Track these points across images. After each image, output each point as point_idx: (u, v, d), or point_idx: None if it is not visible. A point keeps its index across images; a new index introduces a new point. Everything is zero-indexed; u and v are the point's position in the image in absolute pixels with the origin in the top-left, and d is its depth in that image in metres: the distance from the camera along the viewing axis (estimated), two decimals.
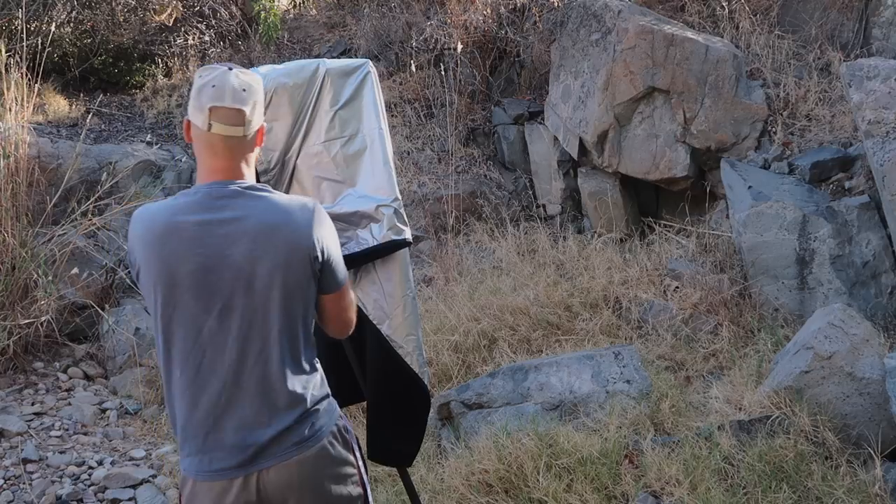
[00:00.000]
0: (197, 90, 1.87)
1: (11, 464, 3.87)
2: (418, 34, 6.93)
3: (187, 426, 1.90)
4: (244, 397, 1.88)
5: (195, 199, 1.88)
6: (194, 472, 1.90)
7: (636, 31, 5.50)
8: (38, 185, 5.32)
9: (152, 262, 1.84)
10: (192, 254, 1.83)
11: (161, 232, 1.84)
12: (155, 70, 8.05)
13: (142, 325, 5.05)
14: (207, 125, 1.86)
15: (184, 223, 1.84)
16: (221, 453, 1.88)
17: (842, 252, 4.50)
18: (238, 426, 1.88)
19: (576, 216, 6.18)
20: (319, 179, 2.52)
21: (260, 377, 1.89)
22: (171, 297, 1.85)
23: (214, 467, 1.88)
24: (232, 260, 1.84)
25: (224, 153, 1.89)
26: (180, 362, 1.88)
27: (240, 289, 1.85)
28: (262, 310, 1.87)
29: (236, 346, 1.87)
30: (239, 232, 1.85)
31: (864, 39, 5.66)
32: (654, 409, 3.62)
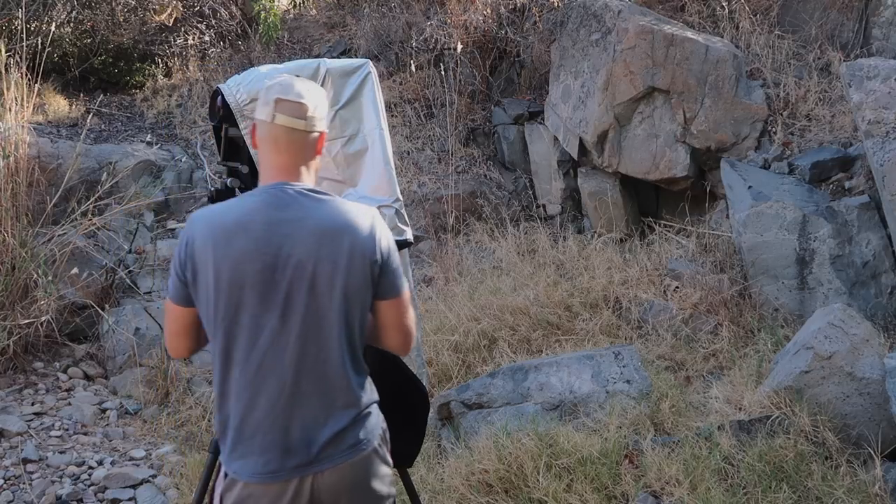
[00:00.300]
0: (265, 90, 1.95)
1: (11, 464, 3.87)
2: (418, 34, 6.93)
3: (243, 427, 1.89)
4: (303, 398, 1.89)
5: (261, 199, 1.90)
6: (248, 474, 1.88)
7: (636, 31, 5.50)
8: (38, 185, 5.32)
9: (217, 262, 1.84)
10: (260, 253, 1.85)
11: (229, 231, 1.86)
12: (155, 70, 8.06)
13: (142, 325, 5.05)
14: (272, 116, 1.91)
15: (251, 223, 1.86)
16: (278, 455, 1.88)
17: (842, 252, 4.50)
18: (296, 427, 1.89)
19: (576, 216, 6.18)
20: (320, 179, 2.50)
21: (319, 378, 1.90)
22: (236, 297, 1.85)
23: (270, 468, 1.88)
24: (296, 261, 1.86)
25: (287, 148, 1.92)
26: (240, 362, 1.88)
27: (303, 290, 1.87)
28: (324, 311, 1.89)
29: (297, 346, 1.88)
30: (304, 233, 1.87)
31: (864, 39, 5.66)
32: (654, 409, 3.62)
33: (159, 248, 5.82)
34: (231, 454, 1.91)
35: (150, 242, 5.87)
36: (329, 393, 1.91)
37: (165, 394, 4.55)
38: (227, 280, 1.84)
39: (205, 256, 1.85)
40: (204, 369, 4.79)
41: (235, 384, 1.88)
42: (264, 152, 1.95)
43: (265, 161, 1.96)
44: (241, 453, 1.89)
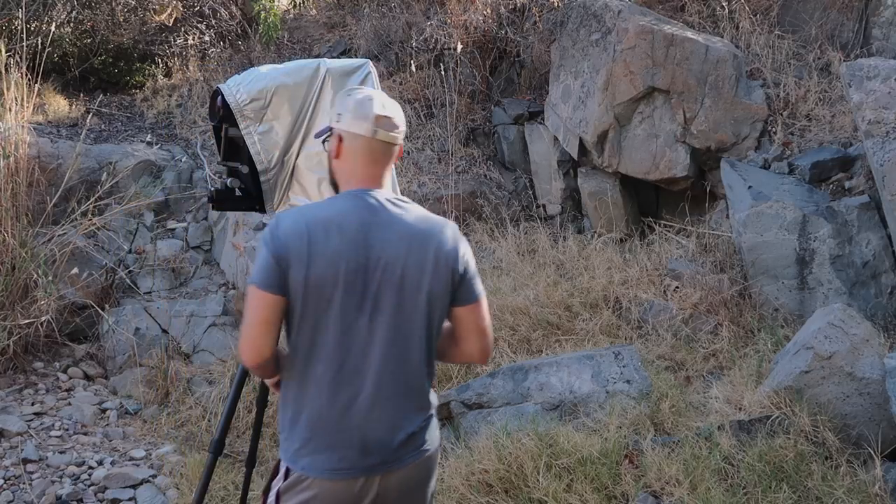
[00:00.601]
0: (357, 103, 2.00)
1: (11, 464, 3.87)
2: (418, 34, 6.93)
3: (320, 422, 1.92)
4: (384, 399, 1.94)
5: (352, 203, 1.95)
6: (319, 470, 1.91)
7: (636, 31, 5.50)
8: (38, 185, 5.32)
9: (313, 256, 1.87)
10: (354, 253, 1.89)
11: (325, 228, 1.89)
12: (155, 70, 8.05)
13: (142, 325, 5.06)
14: (373, 131, 1.98)
15: (346, 223, 1.91)
16: (354, 453, 1.92)
17: (842, 252, 4.50)
18: (375, 427, 1.93)
19: (576, 216, 6.18)
20: (320, 179, 2.52)
21: (400, 380, 1.95)
22: (328, 293, 1.88)
23: (344, 465, 1.91)
24: (385, 263, 1.92)
25: (381, 160, 2.01)
26: (325, 358, 1.91)
27: (391, 292, 1.92)
28: (409, 314, 1.94)
29: (382, 347, 1.92)
30: (394, 238, 1.93)
31: (864, 39, 5.66)
32: (654, 409, 3.62)
33: (159, 248, 5.82)
34: (300, 450, 1.93)
35: (150, 242, 5.87)
36: (408, 395, 1.97)
37: (165, 394, 4.55)
38: (320, 276, 1.87)
39: (300, 249, 1.87)
40: (204, 369, 4.79)
41: (317, 380, 1.92)
42: (352, 162, 2.00)
43: (351, 170, 2.01)
44: (312, 449, 1.92)
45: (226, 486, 3.66)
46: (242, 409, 4.18)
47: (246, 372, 2.66)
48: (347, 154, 2.01)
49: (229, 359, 4.83)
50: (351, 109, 2.00)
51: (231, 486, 3.67)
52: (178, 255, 5.81)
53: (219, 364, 4.82)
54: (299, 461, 1.93)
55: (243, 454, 3.67)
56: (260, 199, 2.57)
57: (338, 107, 2.04)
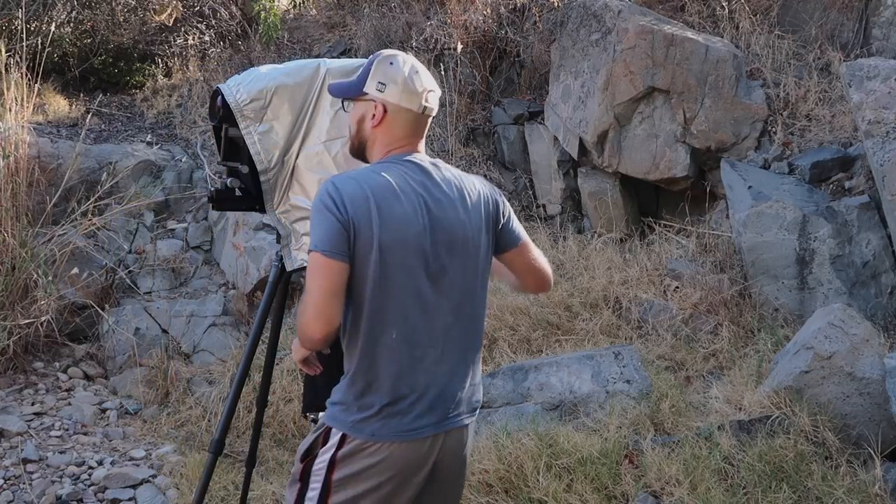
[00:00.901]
0: (406, 77, 1.99)
1: (11, 464, 3.87)
2: (418, 34, 6.93)
3: (397, 387, 1.92)
4: (451, 358, 1.98)
5: (404, 167, 1.97)
6: (390, 433, 1.91)
7: (636, 31, 5.50)
8: (38, 185, 5.32)
9: (382, 222, 1.87)
10: (419, 217, 1.92)
11: (390, 194, 1.90)
12: (155, 70, 8.05)
13: (142, 325, 5.06)
14: (423, 107, 2.01)
15: (407, 188, 1.93)
16: (424, 412, 1.94)
17: (842, 252, 4.50)
18: (447, 385, 1.97)
19: (576, 216, 6.18)
20: (320, 179, 2.51)
21: (464, 340, 2.01)
22: (399, 257, 1.89)
23: (415, 426, 1.93)
24: (449, 223, 1.96)
25: (422, 130, 2.05)
26: (398, 323, 1.91)
27: (455, 252, 1.97)
28: (472, 272, 2.00)
29: (451, 308, 1.97)
30: (452, 197, 1.98)
31: (864, 39, 5.66)
32: (654, 409, 3.62)
33: (159, 248, 5.82)
34: (368, 418, 1.92)
35: (150, 242, 5.87)
36: (471, 351, 2.03)
37: (165, 394, 4.55)
38: (389, 239, 1.87)
39: (367, 214, 1.86)
40: (204, 369, 4.79)
41: (391, 344, 1.92)
42: (392, 133, 2.02)
43: (391, 139, 2.02)
44: (385, 414, 1.92)
45: (226, 486, 3.66)
46: (242, 409, 4.18)
47: (246, 372, 2.66)
48: (390, 124, 2.01)
49: (229, 359, 4.83)
50: (400, 83, 1.99)
51: (231, 486, 3.67)
52: (178, 255, 5.81)
53: (219, 364, 4.82)
54: (366, 428, 1.92)
55: (243, 454, 3.67)
56: (260, 199, 2.57)
57: (378, 75, 2.01)
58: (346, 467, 1.94)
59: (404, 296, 1.91)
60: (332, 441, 1.96)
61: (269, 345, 2.77)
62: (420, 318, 1.93)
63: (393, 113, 2.00)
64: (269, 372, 2.82)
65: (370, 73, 2.03)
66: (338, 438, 1.95)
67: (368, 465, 1.93)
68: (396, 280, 1.90)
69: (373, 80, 2.02)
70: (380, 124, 2.01)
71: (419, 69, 2.04)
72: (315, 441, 2.00)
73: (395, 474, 1.94)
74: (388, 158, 2.01)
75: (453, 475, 2.07)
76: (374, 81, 2.01)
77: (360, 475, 1.93)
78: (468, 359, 2.03)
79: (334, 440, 1.95)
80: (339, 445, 1.94)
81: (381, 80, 2.01)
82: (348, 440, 1.94)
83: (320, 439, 1.99)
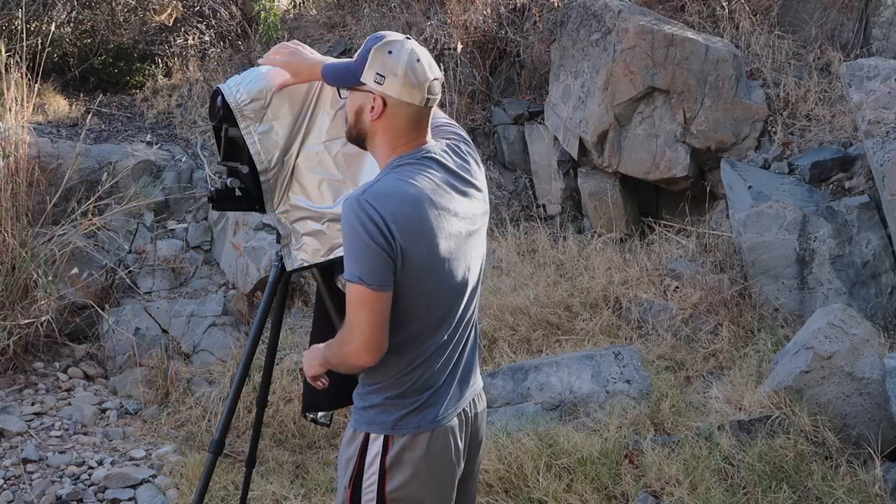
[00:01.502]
0: (407, 67, 1.86)
1: (11, 464, 3.87)
2: (418, 34, 6.93)
3: (445, 383, 1.97)
4: (471, 349, 2.07)
5: (426, 165, 1.92)
6: (432, 422, 1.95)
7: (636, 31, 5.50)
8: (38, 185, 5.32)
9: (428, 238, 1.86)
10: (458, 217, 1.93)
11: (428, 204, 1.87)
12: (155, 70, 8.05)
13: (142, 325, 5.05)
14: (425, 100, 1.90)
15: (435, 192, 1.90)
16: (458, 391, 2.02)
17: (842, 252, 4.50)
18: (467, 374, 2.06)
19: (576, 216, 6.18)
20: (321, 179, 2.51)
21: (475, 328, 2.09)
22: (442, 267, 1.90)
23: (452, 405, 1.99)
24: (472, 213, 1.98)
25: (426, 121, 1.95)
26: (445, 324, 1.95)
27: (475, 245, 2.00)
28: (479, 269, 2.05)
29: (471, 299, 2.02)
30: (467, 193, 1.98)
31: (864, 39, 5.66)
32: (654, 409, 3.62)
33: (159, 248, 5.82)
34: (408, 415, 1.94)
35: (150, 242, 5.87)
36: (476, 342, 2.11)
37: (165, 394, 4.55)
38: (435, 254, 1.87)
39: (413, 233, 1.82)
40: (204, 369, 4.79)
41: (440, 346, 1.95)
42: (395, 127, 1.92)
43: (395, 135, 1.93)
44: (424, 406, 1.95)
45: (226, 486, 3.66)
46: (242, 409, 4.18)
47: (246, 372, 2.66)
48: (391, 118, 1.90)
49: (229, 359, 4.83)
50: (401, 75, 1.86)
51: (231, 486, 3.66)
52: (178, 255, 5.81)
53: (219, 364, 4.82)
54: (413, 421, 1.94)
55: (243, 454, 3.67)
56: (260, 199, 2.57)
57: (376, 65, 1.87)
58: (399, 469, 1.93)
59: (453, 295, 1.94)
60: (375, 450, 1.94)
61: (269, 345, 2.77)
62: (458, 317, 1.97)
63: (393, 107, 1.88)
64: (269, 372, 2.82)
65: (368, 62, 1.88)
66: (381, 443, 1.93)
67: (416, 458, 1.94)
68: (450, 283, 1.92)
69: (370, 69, 1.88)
70: (379, 118, 1.90)
71: (420, 56, 1.89)
72: (354, 453, 1.97)
73: (440, 463, 1.98)
74: (404, 158, 1.92)
75: (473, 455, 2.14)
76: (372, 72, 1.87)
77: (411, 474, 1.94)
78: (476, 340, 2.09)
79: (376, 447, 1.93)
80: (384, 450, 1.93)
81: (380, 70, 1.87)
82: (393, 441, 1.93)
83: (358, 448, 1.96)
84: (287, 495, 3.51)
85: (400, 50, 1.88)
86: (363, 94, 1.91)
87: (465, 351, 2.03)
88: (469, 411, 2.06)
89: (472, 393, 2.07)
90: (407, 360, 1.91)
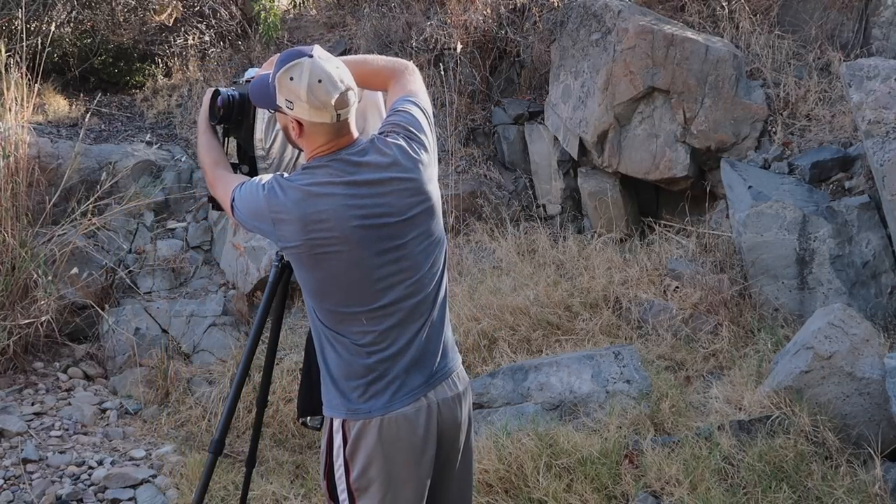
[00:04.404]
0: (308, 90, 1.93)
1: (11, 464, 3.87)
2: (418, 34, 6.93)
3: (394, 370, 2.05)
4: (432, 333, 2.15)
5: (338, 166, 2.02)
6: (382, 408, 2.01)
7: (636, 31, 5.50)
8: (38, 185, 5.32)
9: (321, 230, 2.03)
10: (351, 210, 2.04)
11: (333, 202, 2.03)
12: (155, 70, 8.05)
13: (142, 325, 5.05)
14: (335, 116, 1.97)
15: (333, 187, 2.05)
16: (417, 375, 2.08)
17: (842, 252, 4.50)
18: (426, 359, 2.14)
19: (576, 216, 6.18)
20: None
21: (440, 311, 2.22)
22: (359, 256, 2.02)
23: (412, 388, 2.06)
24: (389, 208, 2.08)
25: (349, 126, 2.03)
26: (384, 312, 2.07)
27: (407, 234, 2.10)
28: (427, 253, 2.18)
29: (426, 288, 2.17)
30: (389, 181, 2.07)
31: (864, 39, 5.66)
32: (654, 409, 3.62)
33: (159, 248, 5.82)
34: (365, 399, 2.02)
35: (150, 242, 5.87)
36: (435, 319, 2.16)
37: (165, 394, 4.55)
38: (352, 240, 1.99)
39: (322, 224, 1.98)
40: (204, 369, 4.79)
41: (383, 333, 2.05)
42: (318, 140, 2.02)
43: (316, 144, 2.03)
44: (376, 391, 2.02)
45: (226, 486, 3.66)
46: (242, 409, 4.18)
47: (246, 372, 2.66)
48: (310, 135, 2.01)
49: (229, 359, 4.83)
50: (305, 99, 1.93)
51: (231, 486, 3.67)
52: (178, 255, 5.81)
53: (219, 364, 4.82)
54: (358, 412, 2.02)
55: (243, 454, 3.67)
56: None
57: (284, 92, 1.96)
58: (357, 461, 2.02)
59: (373, 285, 2.02)
60: (339, 436, 2.04)
61: (269, 345, 2.77)
62: (394, 300, 2.03)
63: (309, 126, 1.99)
64: (269, 372, 2.82)
65: (277, 87, 1.97)
66: (340, 427, 2.05)
67: (371, 445, 2.00)
68: (360, 279, 2.00)
69: (280, 95, 1.98)
70: (300, 136, 2.02)
71: (322, 76, 1.92)
72: (324, 444, 2.10)
73: (397, 449, 2.01)
74: (316, 161, 2.03)
75: (453, 439, 2.14)
76: (283, 97, 1.97)
77: (367, 461, 2.01)
78: (434, 327, 2.11)
79: (339, 434, 2.05)
80: (344, 439, 2.04)
81: (287, 97, 1.96)
82: (350, 427, 2.03)
83: (326, 437, 2.09)
84: (287, 495, 3.51)
85: (300, 74, 1.93)
86: (283, 116, 2.04)
87: (422, 336, 2.07)
88: (434, 396, 2.08)
89: (439, 377, 2.10)
90: (348, 345, 2.03)
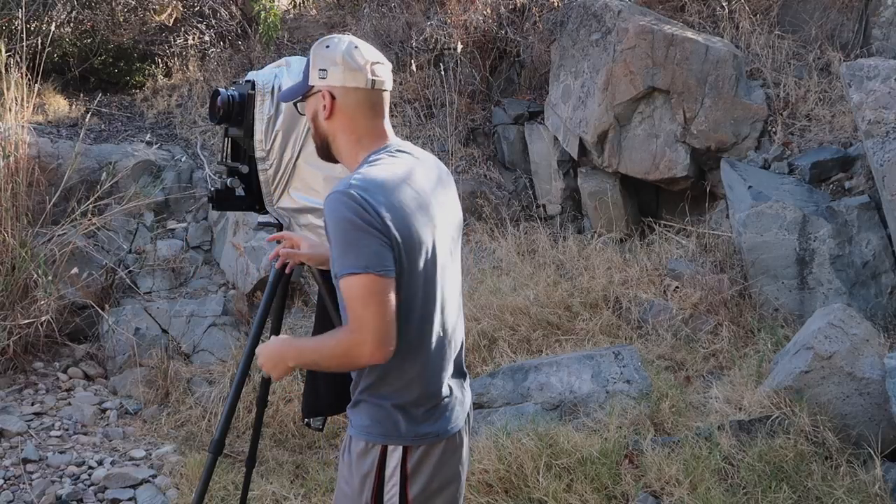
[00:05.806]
0: (344, 53, 1.86)
1: (11, 464, 3.87)
2: (418, 34, 6.93)
3: (451, 385, 1.96)
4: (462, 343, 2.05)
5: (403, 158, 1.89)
6: (446, 430, 1.93)
7: (636, 31, 5.50)
8: (38, 185, 5.32)
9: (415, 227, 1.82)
10: (430, 212, 1.90)
11: (410, 195, 1.85)
12: (155, 70, 8.05)
13: (142, 325, 5.05)
14: (371, 81, 1.86)
15: (423, 188, 1.90)
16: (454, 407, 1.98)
17: (842, 252, 4.50)
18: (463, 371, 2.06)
19: (576, 216, 6.18)
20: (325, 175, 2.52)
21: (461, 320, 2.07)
22: (435, 250, 1.86)
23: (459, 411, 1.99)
24: (446, 213, 1.96)
25: (381, 111, 1.90)
26: (441, 317, 1.92)
27: (453, 240, 1.98)
28: (457, 257, 2.02)
29: (457, 293, 2.03)
30: (440, 186, 1.95)
31: (864, 39, 5.66)
32: (654, 409, 3.62)
33: (159, 248, 5.82)
34: (422, 424, 1.87)
35: (150, 242, 5.87)
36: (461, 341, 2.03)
37: (165, 394, 4.55)
38: (431, 234, 1.83)
39: (408, 215, 1.77)
40: (204, 369, 4.79)
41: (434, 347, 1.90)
42: (351, 120, 1.87)
43: (352, 128, 1.88)
44: (441, 411, 1.91)
45: (226, 486, 3.66)
46: (242, 409, 4.18)
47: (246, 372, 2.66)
48: (343, 112, 1.87)
49: (229, 359, 4.83)
50: (340, 62, 1.85)
51: (231, 486, 3.66)
52: (178, 255, 5.81)
53: (219, 364, 4.82)
54: (426, 437, 1.87)
55: (243, 454, 3.67)
56: (260, 199, 2.58)
57: (318, 63, 1.87)
58: (418, 478, 1.86)
59: (438, 282, 1.85)
60: (393, 462, 1.85)
61: None
62: (445, 300, 1.88)
63: (341, 98, 1.86)
64: None
65: (310, 63, 1.90)
66: (399, 452, 1.85)
67: (434, 464, 1.88)
68: (432, 273, 1.83)
69: (314, 69, 1.88)
70: (332, 114, 1.87)
71: (358, 44, 1.89)
72: (371, 468, 1.86)
73: (454, 464, 1.95)
74: (377, 153, 1.86)
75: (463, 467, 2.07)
76: (316, 70, 1.88)
77: (429, 478, 1.88)
78: (461, 350, 2.00)
79: (395, 459, 1.84)
80: (403, 461, 1.84)
81: (321, 65, 1.87)
82: (411, 451, 1.85)
83: (376, 463, 1.85)
84: (287, 495, 3.50)
85: (337, 42, 1.89)
86: (314, 98, 1.91)
87: (460, 345, 1.97)
88: (470, 410, 2.05)
89: (469, 390, 2.03)
90: (411, 360, 1.82)
